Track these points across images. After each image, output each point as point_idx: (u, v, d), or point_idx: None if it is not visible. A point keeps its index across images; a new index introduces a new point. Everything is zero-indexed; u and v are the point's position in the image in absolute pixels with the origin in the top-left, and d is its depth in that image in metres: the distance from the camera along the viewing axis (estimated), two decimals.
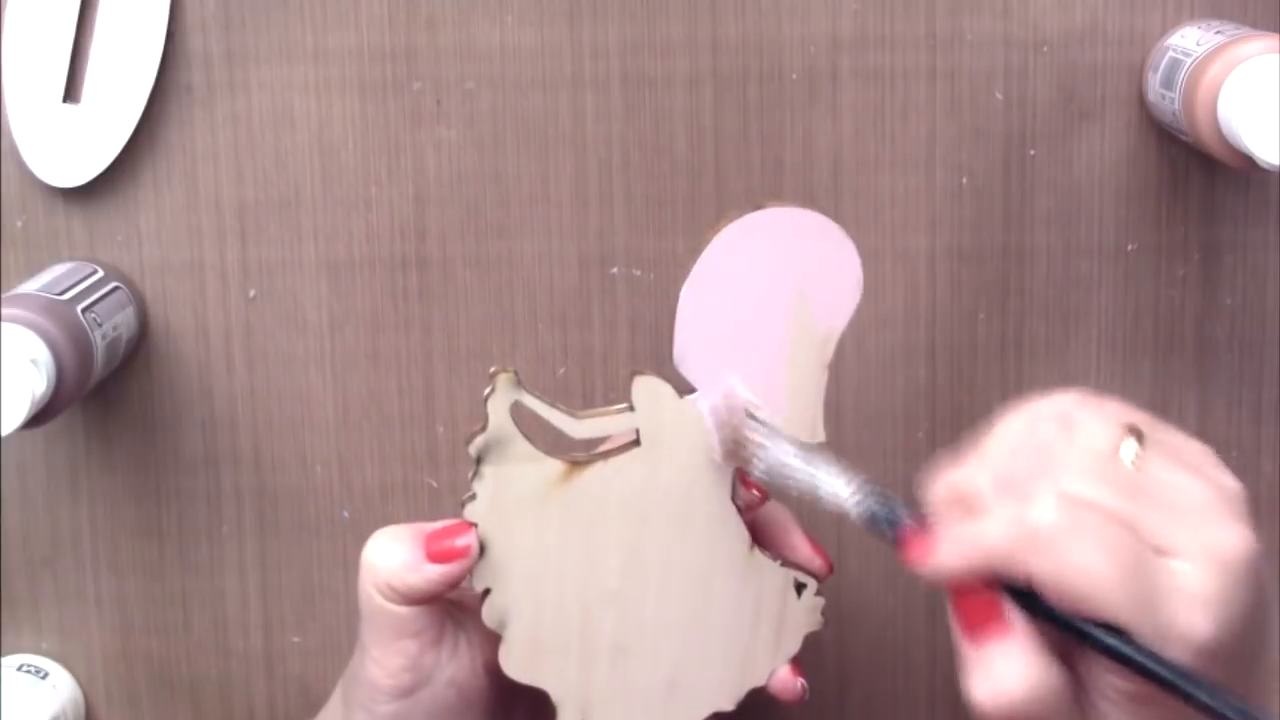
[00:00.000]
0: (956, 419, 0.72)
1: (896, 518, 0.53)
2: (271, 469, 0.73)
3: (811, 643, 0.73)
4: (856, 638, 0.73)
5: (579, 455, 0.58)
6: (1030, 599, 0.49)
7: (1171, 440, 0.52)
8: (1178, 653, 0.47)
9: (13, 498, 0.73)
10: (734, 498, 0.59)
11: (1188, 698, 0.47)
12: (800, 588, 0.61)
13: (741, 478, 0.59)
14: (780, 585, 0.60)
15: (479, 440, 0.56)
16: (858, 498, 0.55)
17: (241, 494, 0.73)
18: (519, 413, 0.57)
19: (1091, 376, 0.71)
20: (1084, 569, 0.47)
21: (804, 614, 0.61)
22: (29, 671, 0.72)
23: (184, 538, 0.73)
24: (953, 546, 0.50)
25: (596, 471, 0.58)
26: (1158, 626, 0.47)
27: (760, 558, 0.60)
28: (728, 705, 0.61)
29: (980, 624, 0.50)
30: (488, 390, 0.56)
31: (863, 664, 0.74)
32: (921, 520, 0.53)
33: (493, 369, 0.56)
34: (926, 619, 0.73)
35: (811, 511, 0.72)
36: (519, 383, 0.56)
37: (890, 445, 0.72)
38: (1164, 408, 0.72)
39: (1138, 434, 0.51)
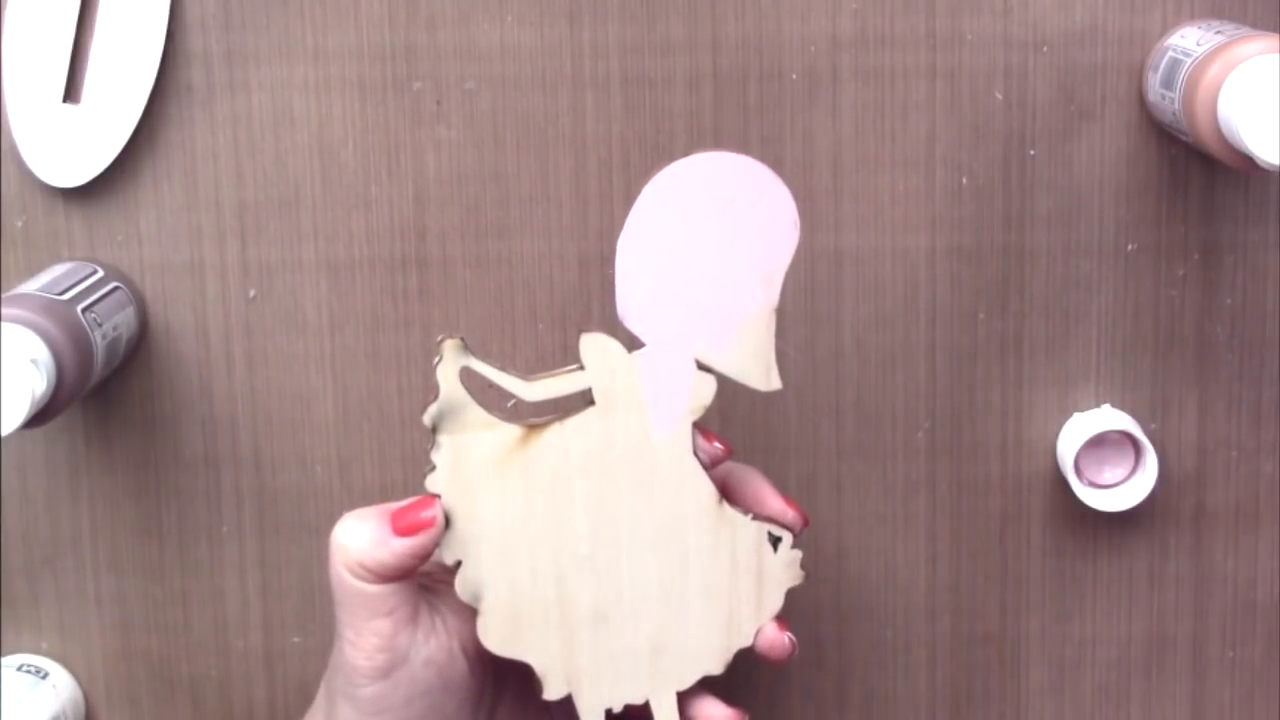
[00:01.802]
0: (956, 419, 0.72)
1: None
2: (271, 469, 0.72)
3: (812, 642, 0.73)
4: (856, 638, 0.73)
5: (535, 419, 0.58)
6: None
7: None
8: None
9: (13, 498, 0.73)
10: (696, 451, 0.59)
11: None
12: (776, 542, 0.60)
13: (702, 431, 0.59)
14: (754, 539, 0.60)
15: (432, 409, 0.57)
16: None
17: (241, 494, 0.73)
18: (474, 382, 0.57)
19: (1091, 376, 0.71)
20: None
21: (783, 568, 0.60)
22: (29, 671, 0.72)
23: (184, 537, 0.73)
24: None
25: (554, 434, 0.58)
26: None
27: (730, 512, 0.60)
28: (716, 669, 0.61)
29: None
30: (436, 358, 0.57)
31: (863, 664, 0.74)
32: None
33: (439, 337, 0.57)
34: (926, 619, 0.73)
35: (811, 501, 0.72)
36: (467, 348, 0.57)
37: (890, 445, 0.72)
38: (1164, 408, 0.72)
39: None
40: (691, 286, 0.58)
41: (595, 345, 0.58)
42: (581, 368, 0.58)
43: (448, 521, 0.58)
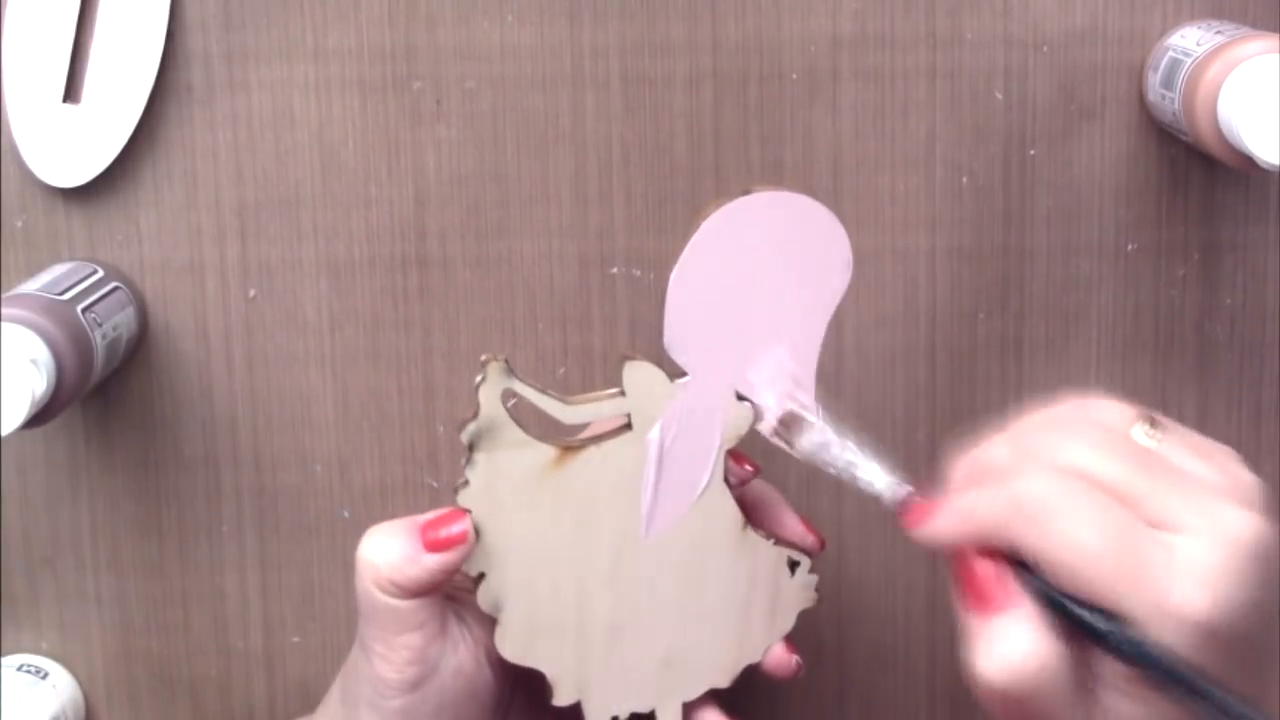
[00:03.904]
0: (956, 419, 0.72)
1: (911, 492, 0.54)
2: (271, 469, 0.73)
3: (812, 643, 0.73)
4: (856, 638, 0.73)
5: (571, 440, 0.58)
6: (1031, 574, 0.49)
7: (1192, 437, 0.51)
8: (1173, 631, 0.46)
9: (13, 497, 0.73)
10: (726, 476, 0.59)
11: (1175, 684, 0.46)
12: (794, 565, 0.61)
13: (733, 454, 0.59)
14: (773, 563, 0.61)
15: (471, 427, 0.57)
16: (892, 489, 0.56)
17: (241, 494, 0.73)
18: (511, 400, 0.57)
19: (1091, 376, 0.71)
20: (1067, 542, 0.47)
21: (798, 591, 0.61)
22: (29, 671, 0.72)
23: (184, 537, 0.73)
24: (947, 515, 0.51)
25: (589, 456, 0.58)
26: (1152, 603, 0.46)
27: (753, 536, 0.60)
28: (723, 682, 0.62)
29: (986, 595, 0.49)
30: (479, 378, 0.57)
31: (863, 664, 0.74)
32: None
33: (484, 357, 0.57)
34: (926, 619, 0.73)
35: (811, 501, 0.72)
36: (510, 370, 0.57)
37: (890, 445, 0.72)
38: (1164, 408, 0.72)
39: (1154, 422, 0.51)
40: (740, 321, 0.58)
41: (639, 373, 0.58)
42: (622, 393, 0.58)
43: (476, 535, 0.58)
